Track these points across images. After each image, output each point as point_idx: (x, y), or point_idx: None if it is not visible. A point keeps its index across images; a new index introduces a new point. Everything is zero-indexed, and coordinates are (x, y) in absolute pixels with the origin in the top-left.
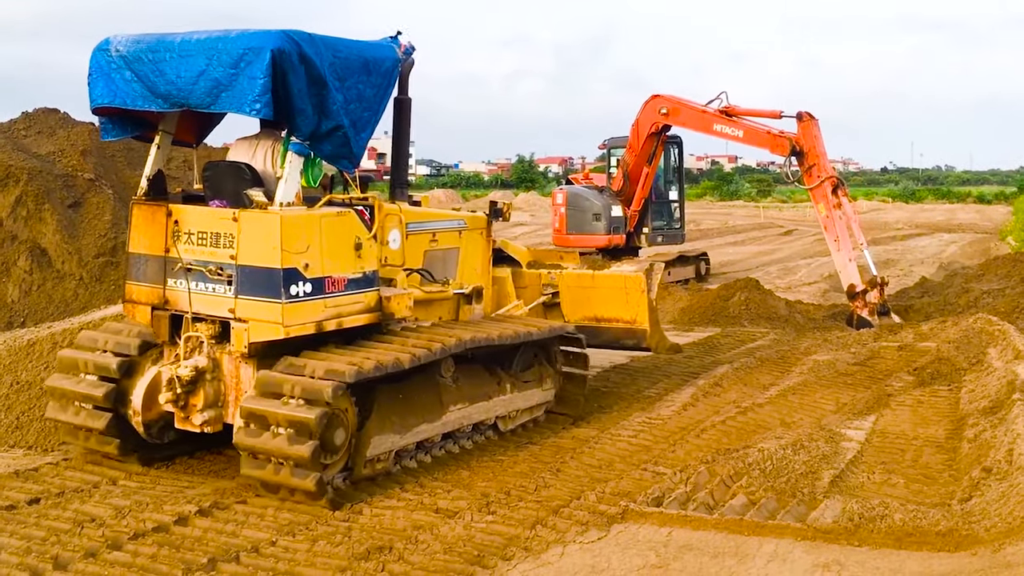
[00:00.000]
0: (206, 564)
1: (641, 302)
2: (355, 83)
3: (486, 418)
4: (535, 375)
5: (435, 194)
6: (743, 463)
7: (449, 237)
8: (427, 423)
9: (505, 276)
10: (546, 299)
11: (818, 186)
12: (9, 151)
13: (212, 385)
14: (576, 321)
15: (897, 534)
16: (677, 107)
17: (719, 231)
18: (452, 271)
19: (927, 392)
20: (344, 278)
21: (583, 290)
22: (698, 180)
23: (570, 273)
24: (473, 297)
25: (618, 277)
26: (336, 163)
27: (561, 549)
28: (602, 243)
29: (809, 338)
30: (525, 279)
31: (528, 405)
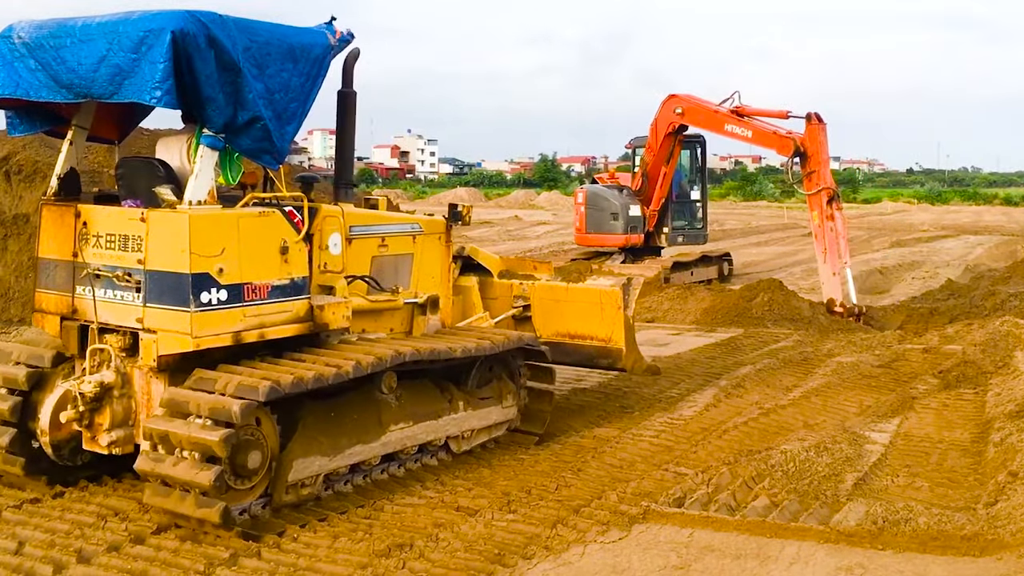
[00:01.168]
0: (228, 559)
1: (617, 319)
2: (278, 71)
3: (434, 438)
4: (494, 391)
5: (457, 192)
6: (765, 465)
7: (401, 242)
8: (363, 444)
9: (471, 286)
10: (516, 312)
11: (815, 194)
12: (36, 147)
13: (121, 402)
14: (548, 337)
15: (921, 538)
16: (692, 107)
17: (742, 231)
18: (405, 279)
19: (952, 395)
20: (267, 285)
21: (556, 304)
22: (721, 180)
23: (543, 285)
24: (428, 307)
25: (593, 292)
26: (257, 159)
27: (582, 549)
28: (620, 242)
29: (833, 340)
30: (495, 289)
31: (485, 424)
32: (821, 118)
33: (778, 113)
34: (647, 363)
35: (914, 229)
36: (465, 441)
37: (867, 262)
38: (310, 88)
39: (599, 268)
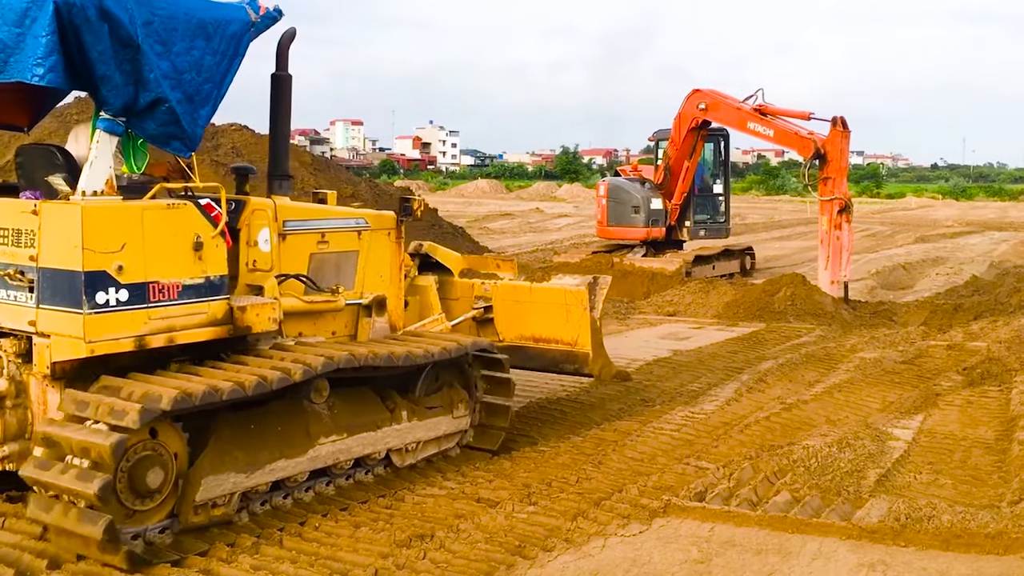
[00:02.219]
0: (250, 547)
1: (583, 321)
2: (187, 48)
3: (373, 452)
4: (444, 400)
5: (479, 184)
6: (787, 460)
7: (344, 238)
8: (287, 459)
9: (428, 285)
10: (477, 313)
11: (828, 201)
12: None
13: (15, 413)
14: (511, 340)
15: (945, 535)
16: (715, 103)
17: (765, 225)
18: (349, 278)
19: (977, 392)
20: (177, 284)
21: (519, 305)
22: (744, 174)
23: (505, 285)
24: (374, 308)
25: (558, 292)
26: (165, 145)
27: (602, 541)
28: (640, 235)
29: (856, 335)
30: (457, 290)
31: (433, 436)
32: (847, 124)
33: (800, 114)
34: (616, 368)
35: (938, 225)
36: (410, 454)
37: (891, 257)
38: (226, 68)
39: (620, 261)
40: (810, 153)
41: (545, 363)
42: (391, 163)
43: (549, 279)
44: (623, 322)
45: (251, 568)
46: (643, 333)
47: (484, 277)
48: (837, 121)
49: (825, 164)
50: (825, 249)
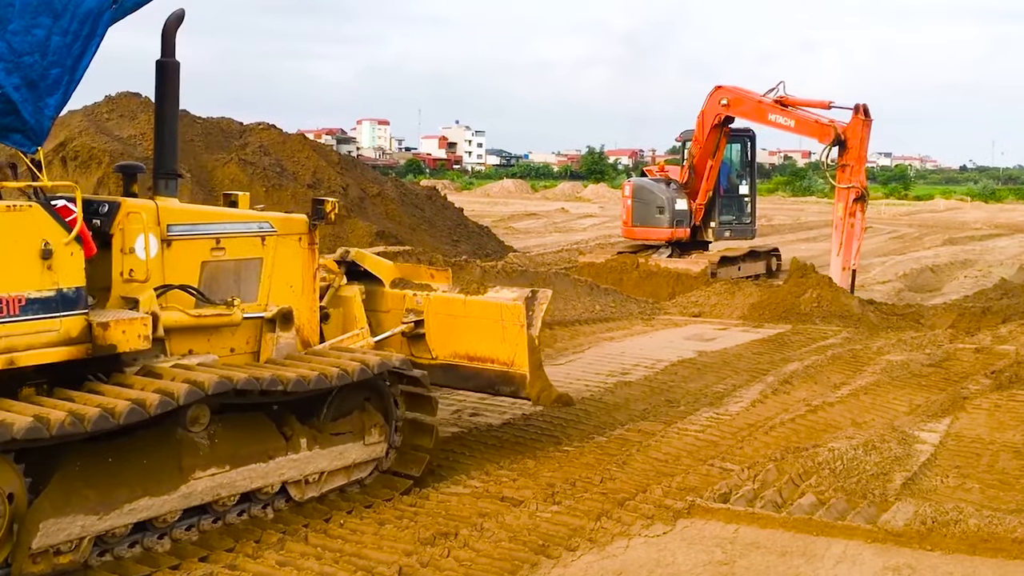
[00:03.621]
0: (276, 543)
1: (520, 339)
2: (27, 27)
3: (264, 485)
4: (353, 425)
5: (504, 184)
6: (813, 462)
7: (244, 245)
8: (152, 496)
9: (352, 296)
10: (407, 328)
11: (845, 188)
12: (92, 133)
13: None
14: (444, 358)
15: (971, 540)
16: (737, 98)
17: (791, 227)
18: (251, 289)
19: (1005, 396)
20: (19, 298)
21: (453, 319)
22: (770, 175)
23: (438, 297)
24: (279, 323)
25: (493, 306)
26: (3, 139)
27: (626, 542)
28: (665, 236)
29: (882, 338)
30: (387, 301)
31: (339, 465)
32: (868, 112)
33: (821, 103)
34: (557, 392)
35: (967, 227)
36: (311, 487)
37: (918, 260)
38: (80, 51)
39: (645, 262)
40: (830, 139)
41: (480, 384)
42: (417, 163)
43: (485, 291)
44: (648, 322)
45: (277, 564)
46: (668, 334)
47: (416, 288)
48: (859, 108)
49: (844, 151)
50: (838, 236)
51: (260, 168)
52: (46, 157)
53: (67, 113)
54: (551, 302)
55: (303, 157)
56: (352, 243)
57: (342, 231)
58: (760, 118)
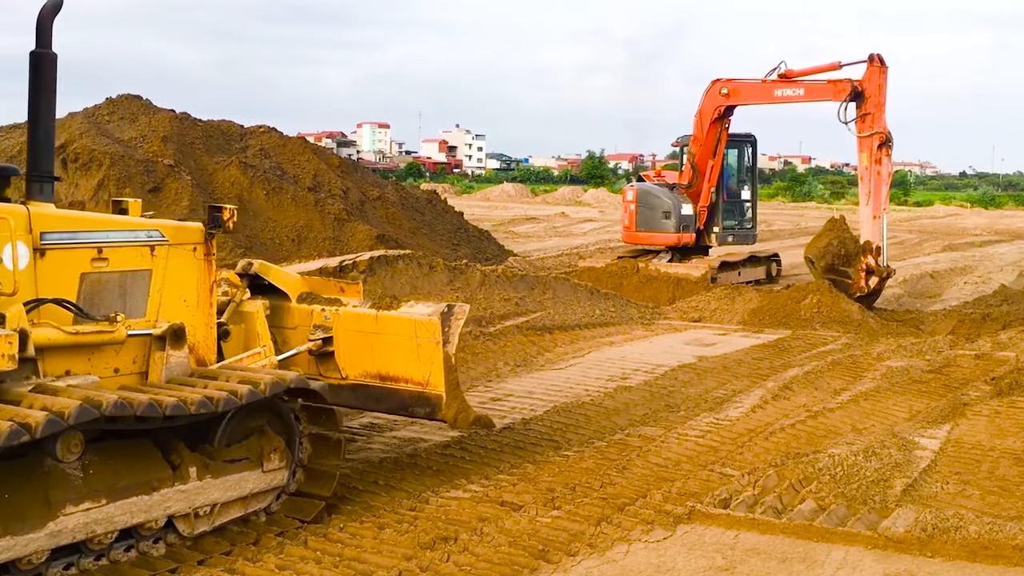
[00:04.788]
0: (275, 547)
1: (435, 357)
2: None
3: (146, 520)
4: (251, 450)
5: (504, 188)
6: (813, 468)
7: (131, 255)
8: (13, 536)
9: (255, 311)
10: (314, 346)
11: (867, 136)
12: (93, 135)
13: None
14: (355, 377)
15: (972, 547)
16: (738, 85)
17: (791, 232)
18: (138, 303)
19: (1005, 402)
20: None
21: (364, 336)
22: (770, 180)
23: (348, 312)
24: (169, 340)
25: (406, 321)
26: None
27: (626, 547)
28: (671, 241)
29: (883, 343)
30: (293, 317)
31: (236, 494)
32: (884, 60)
33: (830, 66)
34: (475, 414)
35: (967, 233)
36: (203, 520)
37: (918, 266)
38: None
39: (645, 266)
40: (846, 94)
41: (393, 405)
42: (417, 166)
43: (398, 306)
44: (648, 327)
45: (276, 568)
46: (668, 339)
47: (325, 303)
48: (875, 57)
49: (863, 101)
50: (866, 184)
51: (260, 171)
52: None
53: (67, 115)
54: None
55: (303, 160)
56: (352, 247)
57: (342, 235)
58: (765, 98)
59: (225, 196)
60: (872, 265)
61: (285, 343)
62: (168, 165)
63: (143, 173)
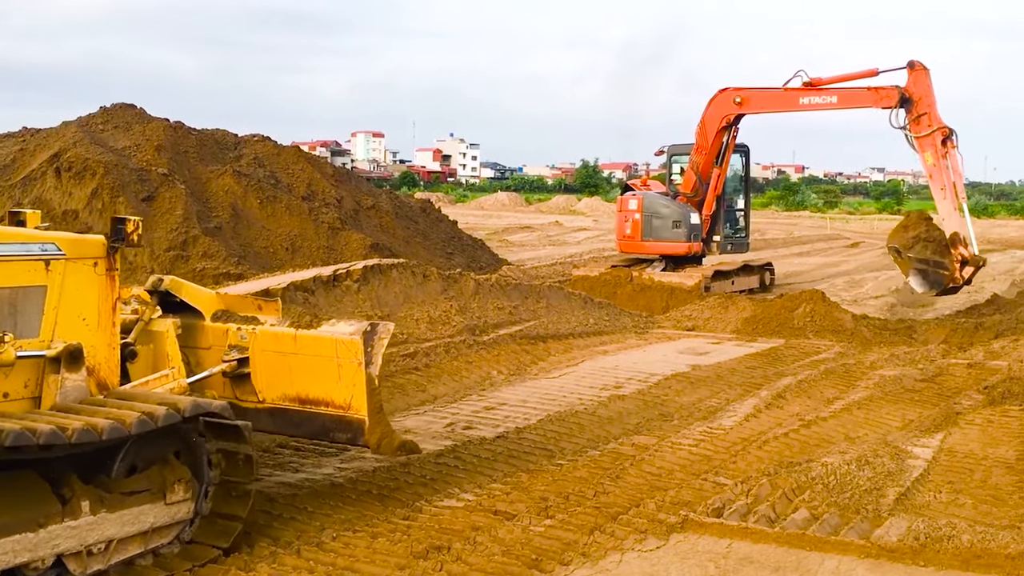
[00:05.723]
0: (268, 556)
1: (358, 379)
2: None
3: (31, 560)
4: (152, 481)
5: (498, 197)
6: (806, 477)
7: (21, 270)
8: None
9: (164, 331)
10: (228, 367)
11: (927, 135)
12: (87, 144)
13: None
14: (273, 401)
15: (964, 556)
16: (754, 93)
17: (784, 241)
18: (31, 322)
19: (998, 411)
20: None
21: (282, 357)
22: (764, 189)
23: (266, 331)
24: (64, 362)
25: (327, 341)
26: None
27: (619, 556)
28: (683, 250)
29: (875, 352)
30: (208, 336)
31: (134, 530)
32: (924, 65)
33: (866, 73)
34: (400, 439)
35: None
36: (96, 558)
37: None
38: None
39: (639, 275)
40: (895, 101)
41: (313, 430)
42: (411, 175)
43: (319, 324)
44: (642, 336)
45: None
46: (662, 347)
47: (241, 321)
48: (915, 64)
49: (912, 105)
50: (938, 180)
51: (255, 180)
52: (40, 168)
53: (61, 124)
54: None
55: (298, 169)
56: (347, 256)
57: (336, 244)
58: (787, 105)
59: (219, 205)
60: (966, 255)
61: (199, 364)
62: (162, 174)
63: (137, 182)
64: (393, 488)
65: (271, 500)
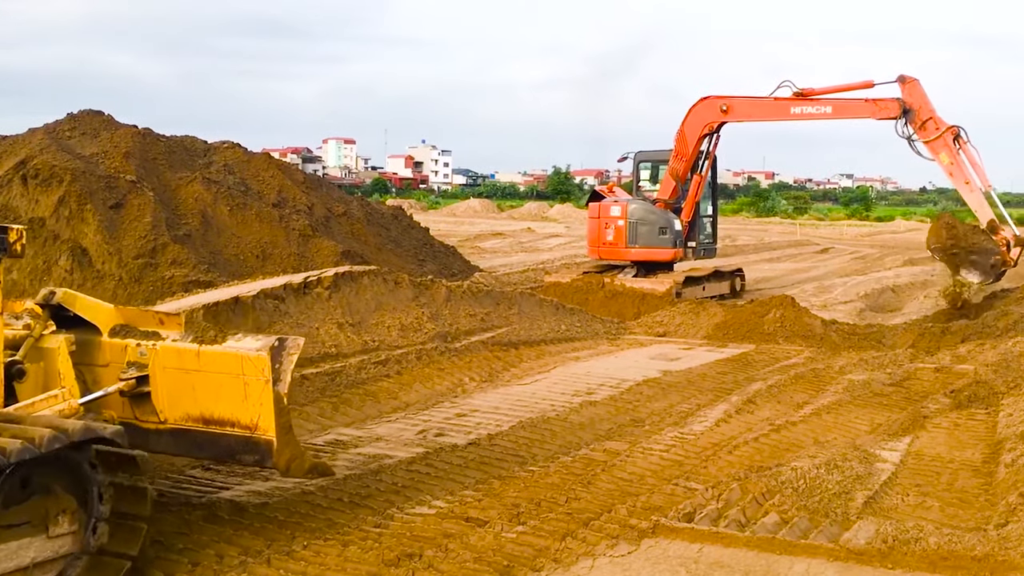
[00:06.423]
0: (238, 565)
1: (265, 397)
2: None
3: None
4: (33, 513)
5: (470, 204)
6: (776, 481)
7: None
8: None
9: (56, 347)
10: (126, 386)
11: (938, 138)
12: (54, 151)
13: None
14: (175, 421)
15: (931, 558)
16: (740, 101)
17: (755, 247)
18: None
19: (964, 415)
20: None
21: (184, 374)
22: (734, 196)
23: (167, 347)
24: None
25: (232, 357)
26: None
27: (591, 562)
28: (669, 256)
29: (844, 357)
30: (105, 353)
31: (11, 567)
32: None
33: (861, 84)
34: (312, 462)
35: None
36: None
37: (879, 280)
38: None
39: (611, 281)
40: (897, 113)
41: (218, 452)
42: (383, 182)
43: (224, 340)
44: (614, 342)
45: None
46: (634, 353)
47: (142, 336)
48: (905, 77)
49: (914, 114)
50: (960, 176)
51: (224, 187)
52: (6, 175)
53: (28, 131)
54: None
55: (268, 176)
56: (318, 263)
57: (307, 251)
58: (777, 115)
59: (188, 212)
60: (1011, 238)
61: (95, 382)
62: (130, 181)
63: (105, 189)
64: (364, 495)
65: (241, 509)
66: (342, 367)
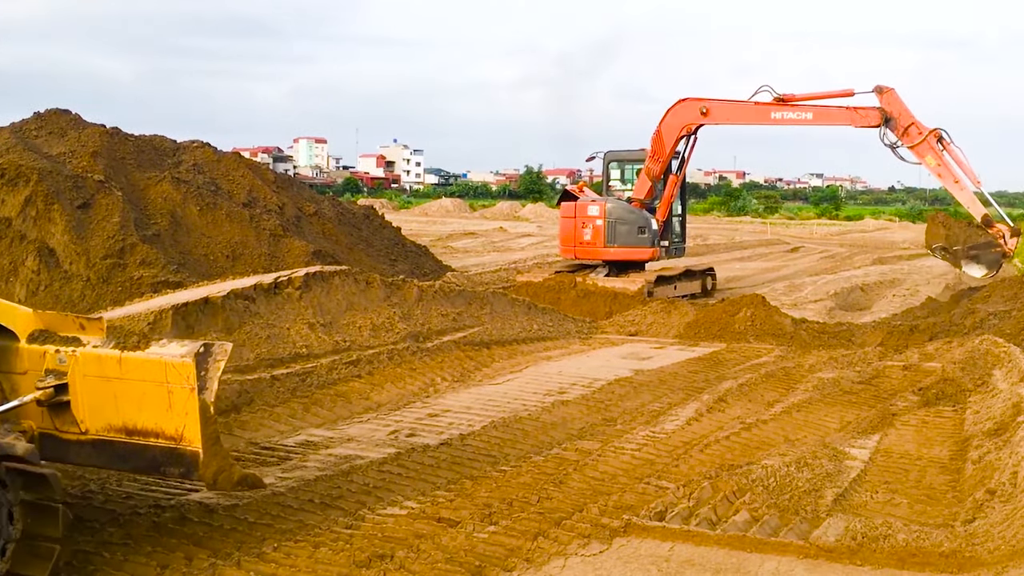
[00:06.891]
0: (207, 567)
1: (190, 406)
2: None
3: None
4: None
5: (442, 203)
6: (746, 479)
7: None
8: None
9: None
10: (43, 395)
11: (922, 141)
12: (20, 151)
13: None
14: (97, 432)
15: (900, 554)
16: (720, 105)
17: (726, 246)
18: None
19: (932, 412)
20: None
21: (106, 382)
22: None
23: (88, 354)
24: None
25: (155, 364)
26: None
27: (563, 561)
28: (648, 255)
29: (814, 356)
30: (23, 360)
31: None
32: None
33: (842, 92)
34: (241, 473)
35: (895, 247)
36: None
37: (849, 279)
38: None
39: (583, 281)
40: (879, 121)
41: (142, 464)
42: (355, 181)
43: (147, 346)
44: (586, 342)
45: None
46: (605, 352)
47: (63, 342)
48: (882, 88)
49: (895, 122)
50: (948, 176)
51: (194, 187)
52: None
53: None
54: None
55: (238, 175)
56: (288, 263)
57: (278, 251)
58: (757, 119)
59: (157, 212)
60: (1006, 229)
61: (13, 391)
62: (98, 181)
63: (72, 189)
64: (335, 497)
65: (211, 511)
66: (313, 367)
